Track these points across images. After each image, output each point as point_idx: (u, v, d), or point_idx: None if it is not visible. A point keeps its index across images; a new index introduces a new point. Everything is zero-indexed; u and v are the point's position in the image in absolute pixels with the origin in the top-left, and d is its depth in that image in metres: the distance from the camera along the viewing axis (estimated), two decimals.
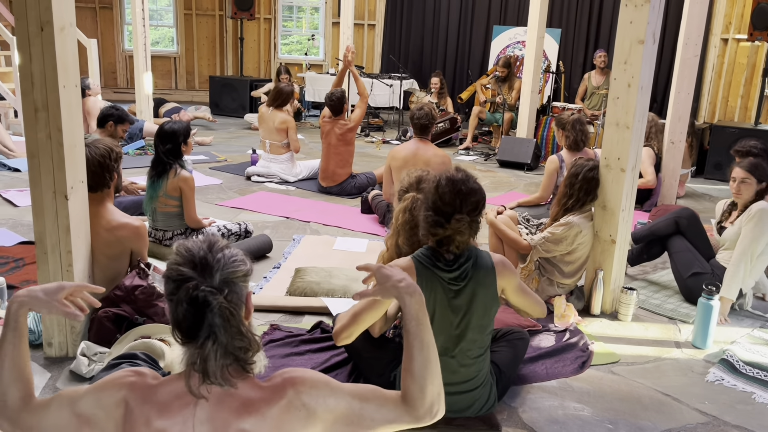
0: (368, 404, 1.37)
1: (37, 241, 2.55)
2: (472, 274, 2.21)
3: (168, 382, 1.32)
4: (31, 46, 2.36)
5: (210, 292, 1.26)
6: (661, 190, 5.58)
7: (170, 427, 1.27)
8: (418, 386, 1.40)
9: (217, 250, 1.32)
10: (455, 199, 2.15)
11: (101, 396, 1.32)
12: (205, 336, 1.26)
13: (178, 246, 1.34)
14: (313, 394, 1.33)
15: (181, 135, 3.62)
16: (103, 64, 10.94)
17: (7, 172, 5.77)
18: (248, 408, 1.29)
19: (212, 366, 1.26)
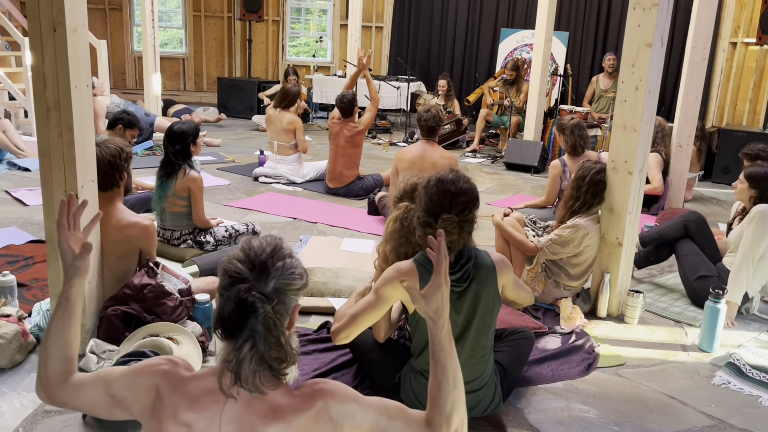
0: (394, 423, 1.38)
1: (47, 239, 2.57)
2: (474, 275, 2.22)
3: (200, 377, 1.34)
4: (43, 47, 2.39)
5: (259, 299, 1.27)
6: (668, 194, 5.57)
7: (197, 422, 1.28)
8: (444, 416, 1.39)
9: (278, 258, 1.33)
10: (443, 199, 2.16)
11: (135, 380, 1.34)
12: (244, 339, 1.28)
13: (245, 242, 1.35)
14: (342, 409, 1.33)
15: (190, 136, 3.66)
16: (113, 65, 11.01)
17: (18, 171, 5.82)
18: (276, 414, 1.29)
19: (245, 370, 1.27)
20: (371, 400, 1.39)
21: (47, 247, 2.59)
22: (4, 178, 5.56)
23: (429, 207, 2.18)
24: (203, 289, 2.99)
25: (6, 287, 2.88)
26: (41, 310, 2.81)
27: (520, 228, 3.60)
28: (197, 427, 1.28)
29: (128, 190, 2.94)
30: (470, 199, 2.19)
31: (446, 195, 2.16)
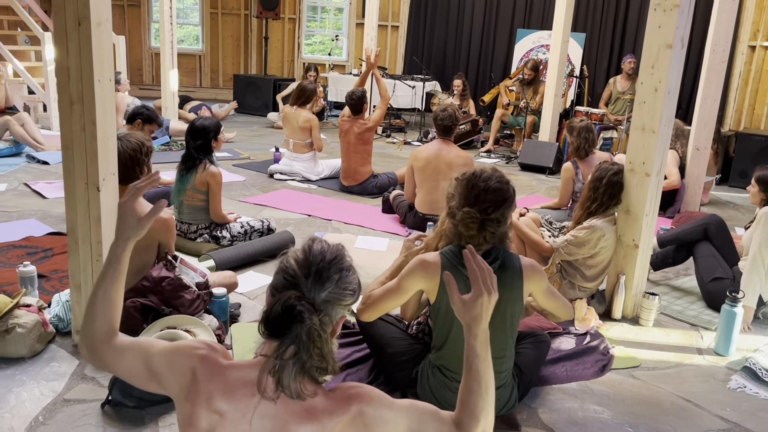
0: (426, 426, 1.38)
1: (68, 231, 2.61)
2: (498, 276, 2.20)
3: (238, 367, 1.33)
4: (68, 41, 2.42)
5: (308, 309, 1.27)
6: (684, 197, 5.54)
7: (230, 412, 1.28)
8: (474, 420, 1.38)
9: (336, 269, 1.32)
10: (470, 193, 2.17)
11: (173, 359, 1.35)
12: (288, 344, 1.27)
13: (309, 241, 1.35)
14: (376, 414, 1.33)
15: (212, 131, 3.70)
16: (130, 61, 11.09)
17: (37, 164, 5.89)
18: (310, 415, 1.29)
19: (287, 377, 1.26)
20: (403, 403, 1.39)
21: (68, 239, 2.62)
22: (24, 171, 5.63)
23: (458, 199, 2.19)
24: (220, 284, 3.02)
25: (27, 278, 2.93)
26: (60, 301, 2.85)
27: (536, 228, 3.60)
28: (229, 417, 1.28)
29: None
30: (498, 198, 2.16)
31: (473, 190, 2.16)
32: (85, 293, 2.63)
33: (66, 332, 2.76)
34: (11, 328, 2.52)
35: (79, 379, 2.46)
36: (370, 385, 1.41)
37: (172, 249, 2.90)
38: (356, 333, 2.89)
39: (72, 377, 2.47)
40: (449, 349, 2.25)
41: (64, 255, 3.62)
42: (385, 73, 9.63)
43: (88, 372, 2.51)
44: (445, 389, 2.29)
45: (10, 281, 3.19)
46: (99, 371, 2.51)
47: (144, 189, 1.46)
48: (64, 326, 2.77)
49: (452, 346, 2.24)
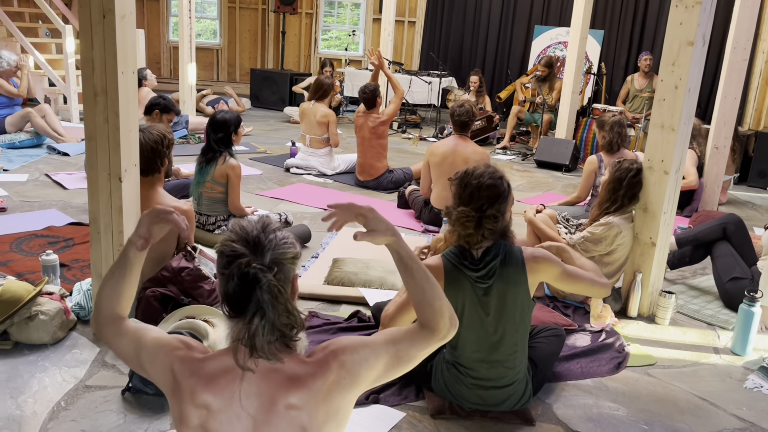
0: (401, 344, 1.46)
1: (91, 221, 2.65)
2: (499, 272, 2.20)
3: (215, 357, 1.38)
4: (93, 33, 2.46)
5: (260, 270, 1.31)
6: (702, 196, 5.50)
7: (215, 402, 1.32)
8: (433, 310, 1.49)
9: (269, 231, 1.38)
10: (463, 191, 2.18)
11: (156, 355, 1.42)
12: (253, 311, 1.31)
13: (233, 224, 1.41)
14: (356, 358, 1.39)
15: (233, 125, 3.74)
16: (149, 54, 11.17)
17: (57, 156, 5.96)
18: (294, 382, 1.33)
19: (260, 341, 1.31)
20: (377, 337, 1.47)
21: (90, 229, 2.66)
22: (45, 162, 5.71)
23: (453, 199, 2.21)
24: None
25: (49, 266, 2.98)
26: (82, 290, 2.90)
27: (552, 225, 3.60)
28: (216, 407, 1.32)
29: (168, 175, 3.01)
30: (492, 194, 2.15)
31: (466, 188, 2.17)
32: None
33: (87, 320, 2.81)
34: (34, 315, 2.57)
35: (100, 366, 2.51)
36: (343, 336, 1.47)
37: (192, 240, 2.93)
38: (371, 326, 2.91)
39: (93, 364, 2.52)
40: (461, 348, 2.27)
41: (84, 245, 3.68)
42: (401, 68, 9.63)
43: (109, 359, 2.56)
44: (460, 384, 2.30)
45: (33, 269, 3.25)
46: (119, 359, 2.55)
47: (169, 222, 1.53)
48: (85, 314, 2.81)
49: (464, 344, 2.26)
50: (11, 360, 2.50)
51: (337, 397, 1.37)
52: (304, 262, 3.74)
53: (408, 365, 1.49)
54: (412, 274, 1.52)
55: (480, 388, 2.29)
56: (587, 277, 2.32)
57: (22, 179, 5.06)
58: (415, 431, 2.25)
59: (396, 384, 2.48)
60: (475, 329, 2.23)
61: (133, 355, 1.46)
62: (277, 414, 1.32)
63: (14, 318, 2.55)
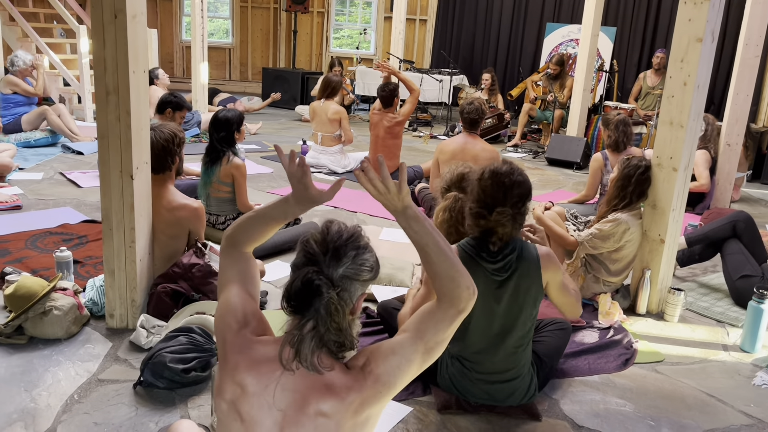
0: (427, 336, 1.44)
1: (103, 218, 2.69)
2: (516, 266, 2.23)
3: (265, 342, 1.41)
4: (104, 33, 2.50)
5: (326, 284, 1.33)
6: (715, 193, 5.47)
7: (251, 385, 1.35)
8: (449, 280, 1.46)
9: (352, 247, 1.38)
10: (498, 191, 2.18)
11: (222, 315, 1.49)
12: (308, 318, 1.34)
13: (327, 222, 1.43)
14: (389, 370, 1.38)
15: (235, 123, 3.74)
16: (161, 54, 11.27)
17: (72, 154, 6.04)
18: (330, 391, 1.34)
19: (305, 349, 1.33)
20: (404, 339, 1.44)
21: (103, 225, 2.70)
22: (59, 160, 5.79)
23: (482, 199, 2.20)
24: None
25: (63, 262, 3.03)
26: (95, 286, 2.94)
27: (561, 222, 3.60)
28: (251, 390, 1.35)
29: (180, 173, 3.05)
30: (524, 191, 2.21)
31: (501, 187, 2.18)
32: (119, 278, 2.73)
33: (100, 316, 2.85)
34: (48, 311, 2.62)
35: (113, 361, 2.55)
36: (374, 344, 1.46)
37: (202, 237, 2.97)
38: (377, 322, 2.94)
39: (105, 359, 2.56)
40: (468, 340, 2.28)
41: (97, 242, 3.73)
42: (413, 66, 9.64)
43: (121, 354, 2.60)
44: (465, 378, 2.32)
45: (47, 266, 3.31)
46: (130, 353, 2.60)
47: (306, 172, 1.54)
48: (98, 310, 2.86)
49: (472, 335, 2.27)
50: (26, 354, 2.55)
51: (369, 408, 1.38)
52: None
53: (439, 350, 1.47)
54: (420, 244, 1.49)
55: (485, 383, 2.31)
56: (574, 294, 2.41)
57: (38, 177, 5.13)
58: (422, 425, 2.27)
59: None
60: (485, 321, 2.25)
61: (224, 281, 1.55)
62: (306, 416, 1.34)
63: (29, 313, 2.60)
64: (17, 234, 3.81)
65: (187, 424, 1.79)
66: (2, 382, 2.35)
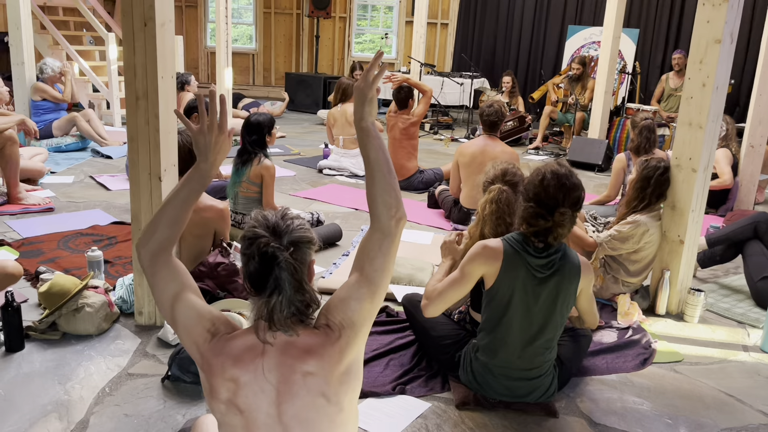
0: (365, 268, 1.53)
1: (132, 218, 2.79)
2: (559, 267, 2.27)
3: (239, 336, 1.49)
4: (135, 40, 2.60)
5: (278, 248, 1.43)
6: (738, 195, 5.43)
7: (242, 375, 1.44)
8: (382, 203, 1.54)
9: (287, 218, 1.50)
10: (559, 192, 2.20)
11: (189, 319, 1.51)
12: (271, 289, 1.44)
13: (255, 213, 1.53)
14: (347, 315, 1.49)
15: (266, 127, 3.87)
16: (187, 60, 11.46)
17: (101, 158, 6.21)
18: (310, 352, 1.45)
19: (277, 315, 1.43)
20: (349, 281, 1.54)
21: (132, 226, 2.80)
22: (89, 164, 5.95)
23: (543, 199, 2.21)
24: None
25: (94, 262, 3.14)
26: (124, 284, 3.05)
27: (580, 223, 3.62)
28: (243, 380, 1.44)
29: None
30: (581, 194, 2.26)
31: (562, 189, 2.21)
32: None
33: (129, 313, 2.95)
34: (81, 308, 2.73)
35: (142, 356, 2.64)
36: (329, 299, 1.54)
37: (227, 237, 3.06)
38: (399, 321, 2.99)
39: (135, 354, 2.66)
40: (499, 333, 2.31)
41: (126, 243, 3.85)
42: (434, 70, 9.69)
43: (149, 350, 2.70)
44: (488, 373, 2.36)
45: (79, 266, 3.42)
46: (158, 349, 2.69)
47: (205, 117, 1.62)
48: (128, 307, 2.96)
49: (505, 330, 2.29)
50: (60, 349, 2.65)
51: (348, 354, 1.48)
52: (335, 259, 3.84)
53: (383, 281, 1.53)
54: (376, 162, 1.56)
55: (507, 378, 2.35)
56: (596, 307, 2.55)
57: (68, 181, 5.29)
58: (440, 420, 2.32)
59: (422, 376, 2.56)
60: (519, 316, 2.27)
61: (170, 297, 1.52)
62: (296, 383, 1.44)
63: (62, 310, 2.71)
64: (50, 235, 3.95)
65: (213, 419, 1.86)
66: (37, 375, 2.46)
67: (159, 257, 1.55)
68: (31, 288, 3.20)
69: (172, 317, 1.53)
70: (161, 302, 1.55)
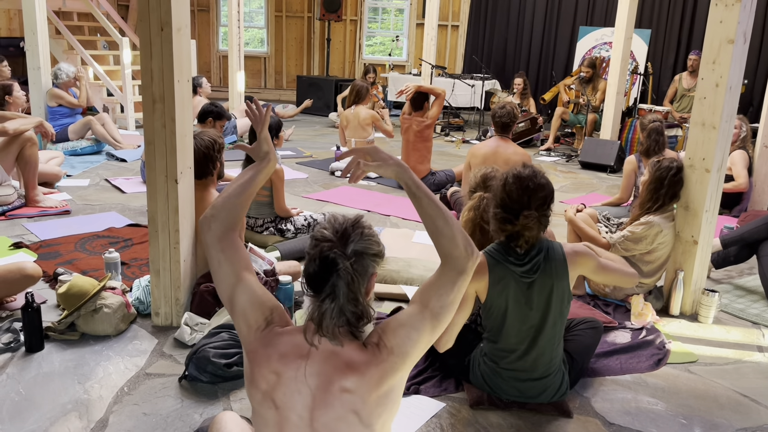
0: (431, 303, 1.52)
1: (149, 221, 2.83)
2: (543, 267, 2.28)
3: (290, 332, 1.51)
4: (152, 45, 2.65)
5: (340, 256, 1.44)
6: (752, 195, 5.40)
7: (285, 372, 1.46)
8: (449, 240, 1.53)
9: (358, 227, 1.50)
10: (522, 195, 2.22)
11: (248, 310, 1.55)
12: (326, 293, 1.44)
13: (329, 214, 1.55)
14: (400, 342, 1.47)
15: (273, 129, 3.88)
16: (199, 63, 11.58)
17: (116, 162, 6.27)
18: (351, 368, 1.44)
19: (327, 321, 1.44)
20: (411, 310, 1.53)
21: (149, 228, 2.84)
22: (104, 167, 6.02)
23: (507, 203, 2.25)
24: (285, 272, 3.19)
25: (112, 263, 3.18)
26: (141, 286, 3.09)
27: (593, 224, 3.62)
28: (285, 377, 1.46)
29: (221, 176, 3.18)
30: (548, 194, 2.26)
31: (525, 192, 2.23)
32: (164, 278, 2.86)
33: (147, 314, 2.99)
34: (99, 308, 2.77)
35: (159, 356, 2.68)
36: (385, 320, 1.53)
37: (242, 238, 3.09)
38: None
39: (152, 354, 2.69)
40: (502, 341, 2.34)
41: (142, 245, 3.90)
42: (445, 72, 9.70)
43: (166, 350, 2.73)
44: (496, 376, 2.38)
45: (96, 267, 3.47)
46: (175, 349, 2.72)
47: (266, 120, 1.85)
48: (145, 308, 3.00)
49: (506, 337, 2.33)
50: (78, 349, 2.69)
51: (389, 379, 1.47)
52: None
53: (447, 316, 1.53)
54: (420, 202, 1.56)
55: (516, 380, 2.36)
56: (618, 267, 2.45)
57: (84, 184, 5.35)
58: (454, 420, 2.33)
59: (436, 376, 2.58)
60: (518, 322, 2.30)
61: (233, 276, 1.58)
62: (332, 395, 1.44)
63: (81, 311, 2.75)
64: (67, 237, 4.00)
65: (231, 416, 1.88)
66: (57, 375, 2.50)
67: (229, 234, 1.62)
68: (49, 289, 3.25)
69: (231, 296, 1.56)
70: (223, 280, 1.60)
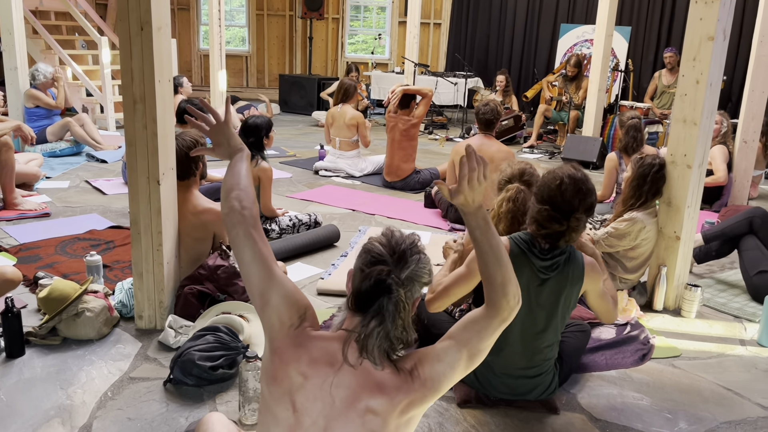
0: (471, 343, 1.50)
1: (132, 222, 2.79)
2: (563, 268, 2.27)
3: (324, 338, 1.47)
4: (131, 45, 2.61)
5: (396, 282, 1.42)
6: (732, 190, 5.47)
7: (313, 377, 1.43)
8: (501, 287, 1.52)
9: (415, 251, 1.49)
10: (575, 197, 2.20)
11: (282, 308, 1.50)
12: (372, 315, 1.41)
13: (387, 229, 1.53)
14: (435, 376, 1.45)
15: (264, 129, 3.88)
16: (180, 63, 11.47)
17: (96, 163, 6.19)
18: (380, 389, 1.41)
19: (371, 344, 1.41)
20: (449, 346, 1.50)
21: (131, 230, 2.80)
22: (84, 169, 5.94)
23: (559, 203, 2.20)
24: None
25: (93, 266, 3.14)
26: (123, 289, 3.05)
27: None
28: (311, 382, 1.42)
29: (203, 177, 3.15)
30: (594, 200, 2.26)
31: (578, 194, 2.20)
32: (147, 281, 2.82)
33: (129, 317, 2.96)
34: (81, 312, 2.72)
35: (143, 360, 2.65)
36: (422, 349, 1.51)
37: (227, 240, 3.06)
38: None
39: (136, 358, 2.66)
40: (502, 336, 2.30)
41: (124, 247, 3.85)
42: (427, 70, 9.71)
43: (151, 353, 2.70)
44: (489, 371, 2.38)
45: (77, 270, 3.42)
46: (159, 353, 2.69)
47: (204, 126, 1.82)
48: (128, 312, 2.96)
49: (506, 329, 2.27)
50: (60, 354, 2.65)
51: (415, 409, 1.45)
52: (334, 260, 3.85)
53: (481, 357, 1.53)
54: (479, 246, 1.54)
55: (509, 377, 2.36)
56: (612, 304, 2.47)
57: (64, 186, 5.28)
58: (442, 419, 2.33)
59: None
60: (522, 316, 2.26)
61: (264, 273, 1.51)
62: (356, 411, 1.41)
63: (63, 315, 2.71)
64: (47, 240, 3.94)
65: (218, 417, 1.86)
66: (39, 380, 2.46)
67: (258, 226, 1.59)
68: (30, 293, 3.20)
69: (263, 290, 1.50)
70: (255, 274, 1.53)
